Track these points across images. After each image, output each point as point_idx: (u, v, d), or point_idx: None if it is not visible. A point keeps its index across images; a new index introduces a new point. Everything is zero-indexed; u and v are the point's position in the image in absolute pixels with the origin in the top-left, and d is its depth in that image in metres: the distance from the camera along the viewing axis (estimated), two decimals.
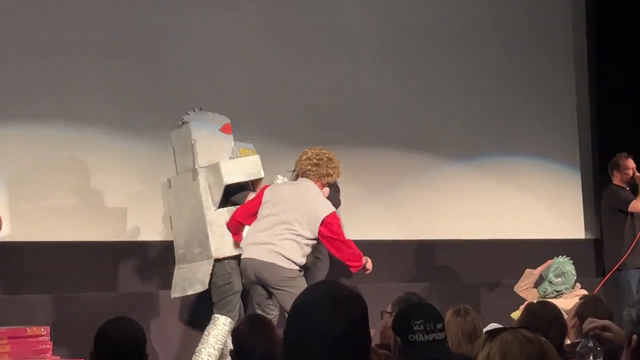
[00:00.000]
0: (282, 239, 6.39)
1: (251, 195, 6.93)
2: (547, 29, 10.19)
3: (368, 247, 8.87)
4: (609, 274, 8.41)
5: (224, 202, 6.90)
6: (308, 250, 6.52)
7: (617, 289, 8.40)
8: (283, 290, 6.34)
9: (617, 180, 8.64)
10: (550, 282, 7.09)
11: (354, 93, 9.05)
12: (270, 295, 6.47)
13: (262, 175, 6.88)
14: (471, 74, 9.60)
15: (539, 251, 8.53)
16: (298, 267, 6.42)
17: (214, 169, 6.89)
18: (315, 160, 6.65)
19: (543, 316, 4.61)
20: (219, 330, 6.68)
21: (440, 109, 9.46)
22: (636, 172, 8.54)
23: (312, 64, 8.90)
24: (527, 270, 7.32)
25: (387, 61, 9.26)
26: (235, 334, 4.64)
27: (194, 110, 7.22)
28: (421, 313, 3.83)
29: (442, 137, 9.44)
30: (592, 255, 9.95)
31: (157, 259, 7.94)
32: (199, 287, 6.86)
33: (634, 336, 2.05)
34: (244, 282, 6.58)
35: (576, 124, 10.22)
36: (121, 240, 7.94)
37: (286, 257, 6.38)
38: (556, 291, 7.02)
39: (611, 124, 9.95)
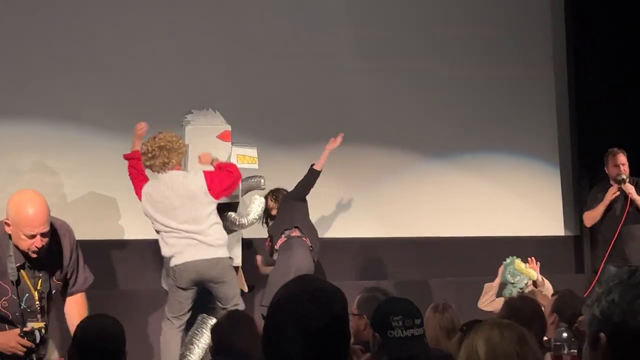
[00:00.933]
0: (207, 227, 6.47)
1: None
2: (526, 26, 10.19)
3: (348, 244, 8.92)
4: (599, 273, 8.27)
5: None
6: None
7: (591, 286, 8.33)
8: (225, 281, 6.48)
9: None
10: (512, 284, 7.08)
11: (336, 92, 9.05)
12: (193, 300, 6.54)
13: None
14: (451, 72, 9.58)
15: (519, 248, 8.53)
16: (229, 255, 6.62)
17: None
18: (156, 160, 6.51)
19: (523, 313, 4.62)
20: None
21: (420, 106, 9.46)
22: (621, 169, 8.26)
23: (294, 62, 8.90)
24: (486, 284, 7.28)
25: (368, 60, 9.26)
26: (215, 330, 4.63)
27: (192, 112, 7.22)
28: (400, 309, 3.85)
29: (422, 134, 9.43)
30: (572, 252, 9.97)
31: (139, 257, 7.92)
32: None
33: (602, 334, 1.88)
34: (182, 285, 6.54)
35: (555, 121, 10.21)
36: (105, 239, 7.93)
37: (223, 245, 6.53)
38: (520, 289, 7.02)
39: (591, 121, 9.90)
